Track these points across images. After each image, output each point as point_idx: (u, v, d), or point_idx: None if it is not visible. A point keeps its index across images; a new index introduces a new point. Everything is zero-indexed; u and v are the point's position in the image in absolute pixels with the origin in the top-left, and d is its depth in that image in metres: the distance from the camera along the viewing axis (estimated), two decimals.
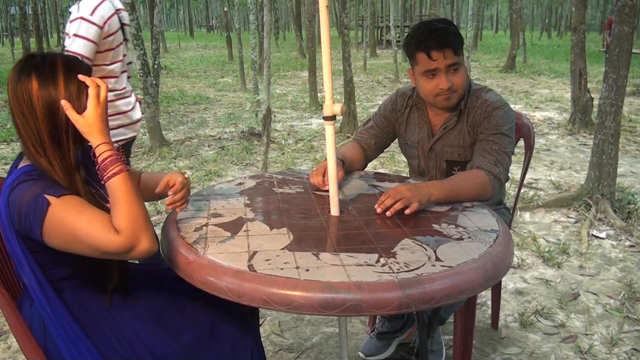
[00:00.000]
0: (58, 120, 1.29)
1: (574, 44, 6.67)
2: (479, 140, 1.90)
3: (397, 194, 1.58)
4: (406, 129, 2.10)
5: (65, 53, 1.34)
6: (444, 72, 1.86)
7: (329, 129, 1.58)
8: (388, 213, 1.56)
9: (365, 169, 2.16)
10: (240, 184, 1.92)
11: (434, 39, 1.83)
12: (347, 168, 1.97)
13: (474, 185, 1.74)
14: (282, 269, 1.23)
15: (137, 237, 1.21)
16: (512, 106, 1.84)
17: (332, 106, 1.55)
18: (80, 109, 1.29)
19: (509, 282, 2.93)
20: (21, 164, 1.33)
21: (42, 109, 1.27)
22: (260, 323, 2.40)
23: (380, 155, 2.26)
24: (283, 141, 6.52)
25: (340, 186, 1.79)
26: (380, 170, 4.61)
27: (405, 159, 2.23)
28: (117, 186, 1.25)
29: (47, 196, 1.22)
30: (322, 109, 1.47)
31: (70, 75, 1.29)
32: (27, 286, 1.31)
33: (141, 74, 5.97)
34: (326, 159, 1.67)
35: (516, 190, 2.44)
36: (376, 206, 1.60)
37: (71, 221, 1.21)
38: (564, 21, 39.03)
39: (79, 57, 1.36)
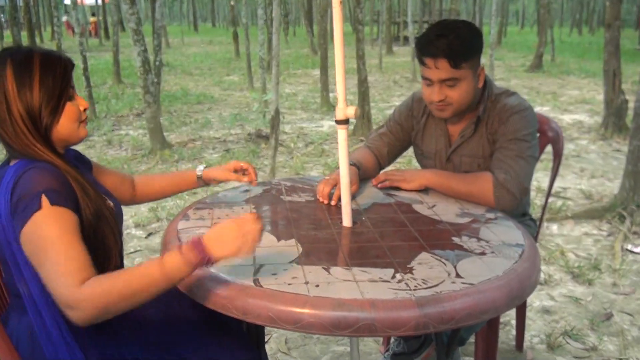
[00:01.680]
0: (32, 104, 1.30)
1: (607, 41, 6.62)
2: (496, 148, 1.88)
3: (391, 173, 1.94)
4: (422, 139, 2.09)
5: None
6: (437, 83, 1.82)
7: (342, 133, 1.58)
8: (379, 186, 1.94)
9: None
10: (246, 191, 1.92)
11: (431, 45, 1.78)
12: (361, 175, 1.96)
13: (474, 188, 1.80)
14: (289, 284, 1.23)
15: (82, 308, 1.13)
16: (538, 108, 1.82)
17: (345, 109, 1.55)
18: (56, 108, 1.32)
19: (535, 299, 2.90)
20: (13, 162, 1.33)
21: (15, 90, 1.28)
22: (265, 340, 2.40)
23: (397, 160, 2.26)
24: (292, 144, 6.53)
25: (353, 195, 1.79)
26: None
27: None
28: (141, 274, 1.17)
29: (43, 197, 1.20)
30: (334, 110, 1.47)
31: (47, 65, 1.31)
32: (22, 295, 1.29)
33: (142, 72, 6.02)
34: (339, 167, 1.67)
35: (543, 200, 2.42)
36: (373, 180, 1.96)
37: (45, 241, 1.18)
38: (596, 16, 38.80)
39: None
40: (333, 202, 1.78)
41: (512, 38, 28.80)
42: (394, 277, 1.27)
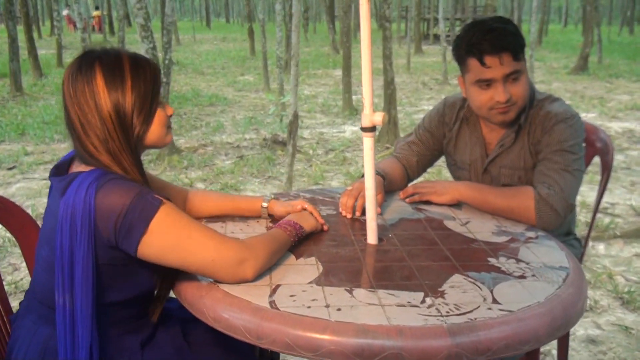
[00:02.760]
0: (125, 110, 1.34)
1: None
2: (539, 160, 1.86)
3: (421, 185, 1.91)
4: (455, 147, 2.08)
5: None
6: (500, 81, 1.80)
7: (368, 141, 1.58)
8: (407, 200, 1.92)
9: None
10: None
11: (487, 41, 1.77)
12: (387, 187, 1.95)
13: (513, 204, 1.77)
14: (309, 307, 1.22)
15: (254, 255, 1.34)
16: (583, 115, 1.80)
17: (372, 115, 1.55)
18: (149, 115, 1.37)
19: (579, 328, 2.86)
20: (81, 168, 1.36)
21: (106, 95, 1.33)
22: None
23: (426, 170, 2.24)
24: (311, 151, 6.55)
25: (379, 208, 1.78)
26: None
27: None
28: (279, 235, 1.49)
29: (156, 195, 1.31)
30: (357, 114, 1.49)
31: (137, 67, 1.36)
32: (57, 306, 1.30)
33: None
34: (363, 176, 1.66)
35: (589, 217, 2.39)
36: (401, 192, 1.96)
37: (186, 222, 1.32)
38: None
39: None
40: (357, 213, 1.77)
41: (554, 37, 28.63)
42: (423, 301, 1.26)
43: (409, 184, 2.05)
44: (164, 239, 1.29)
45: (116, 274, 1.34)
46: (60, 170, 1.41)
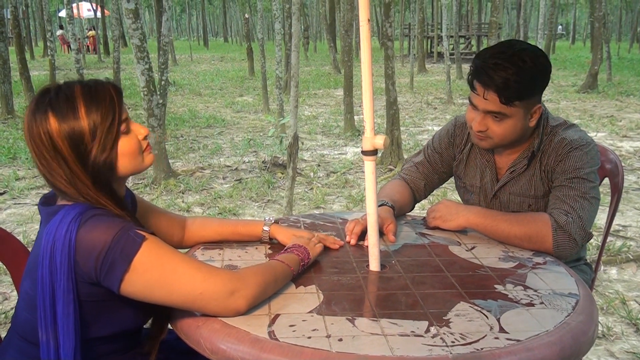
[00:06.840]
0: (85, 151, 1.33)
1: None
2: (553, 187, 1.86)
3: (432, 210, 1.92)
4: (465, 170, 2.08)
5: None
6: (481, 112, 1.82)
7: (369, 165, 1.59)
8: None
9: (411, 212, 2.15)
10: None
11: (483, 71, 1.76)
12: (397, 214, 1.96)
13: (529, 232, 1.75)
14: (309, 337, 1.23)
15: (244, 285, 1.33)
16: (593, 135, 1.79)
17: (373, 138, 1.56)
18: (108, 140, 1.34)
19: (592, 356, 2.84)
20: (65, 201, 1.36)
21: (66, 144, 1.31)
22: None
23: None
24: (312, 174, 6.56)
25: (381, 234, 1.78)
26: None
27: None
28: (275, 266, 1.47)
29: (139, 231, 1.30)
30: (359, 135, 1.50)
31: (92, 102, 1.34)
32: (40, 342, 1.30)
33: (145, 92, 6.13)
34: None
35: (600, 240, 2.39)
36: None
37: (171, 256, 1.32)
38: None
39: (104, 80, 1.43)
40: (364, 243, 1.76)
41: (561, 54, 28.81)
42: (428, 330, 1.26)
43: None
44: (148, 276, 1.29)
45: (99, 310, 1.34)
46: (49, 201, 1.41)
